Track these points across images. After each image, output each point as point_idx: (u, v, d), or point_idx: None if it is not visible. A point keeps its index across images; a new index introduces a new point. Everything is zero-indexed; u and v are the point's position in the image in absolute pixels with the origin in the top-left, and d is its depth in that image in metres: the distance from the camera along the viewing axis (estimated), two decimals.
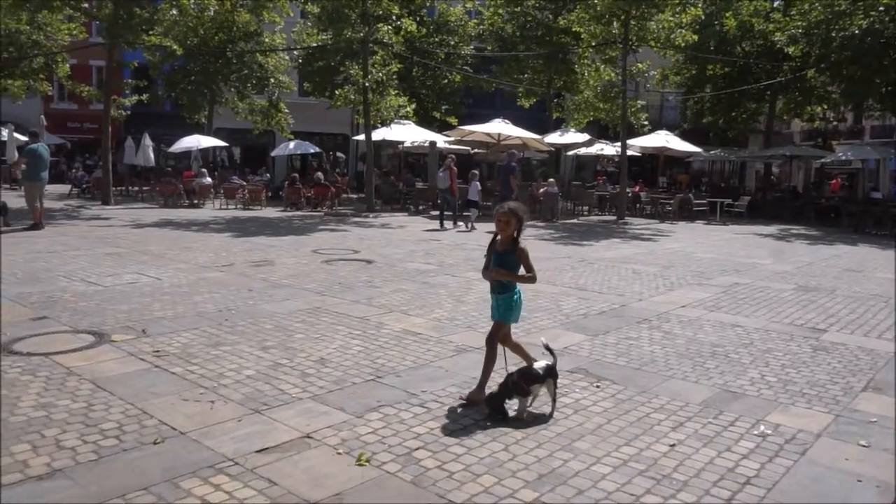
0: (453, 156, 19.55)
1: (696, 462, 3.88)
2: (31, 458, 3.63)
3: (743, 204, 25.39)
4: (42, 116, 24.05)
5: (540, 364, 4.53)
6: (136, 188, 25.57)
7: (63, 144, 34.38)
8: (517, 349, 4.95)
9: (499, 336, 4.72)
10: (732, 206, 24.99)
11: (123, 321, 6.59)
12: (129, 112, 25.09)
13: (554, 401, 4.57)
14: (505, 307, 4.68)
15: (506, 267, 4.65)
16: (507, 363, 4.75)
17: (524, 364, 4.76)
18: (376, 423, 4.27)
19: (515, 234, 4.63)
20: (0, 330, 6.02)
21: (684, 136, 28.34)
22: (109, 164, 21.73)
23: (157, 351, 5.63)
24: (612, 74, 23.15)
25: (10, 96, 23.72)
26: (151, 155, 25.89)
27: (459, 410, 4.52)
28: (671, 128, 29.34)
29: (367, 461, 3.73)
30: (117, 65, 22.48)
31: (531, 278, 4.70)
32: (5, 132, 27.32)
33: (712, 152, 32.15)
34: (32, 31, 22.14)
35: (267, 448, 3.86)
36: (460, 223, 17.82)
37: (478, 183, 18.38)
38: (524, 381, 4.41)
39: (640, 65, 23.38)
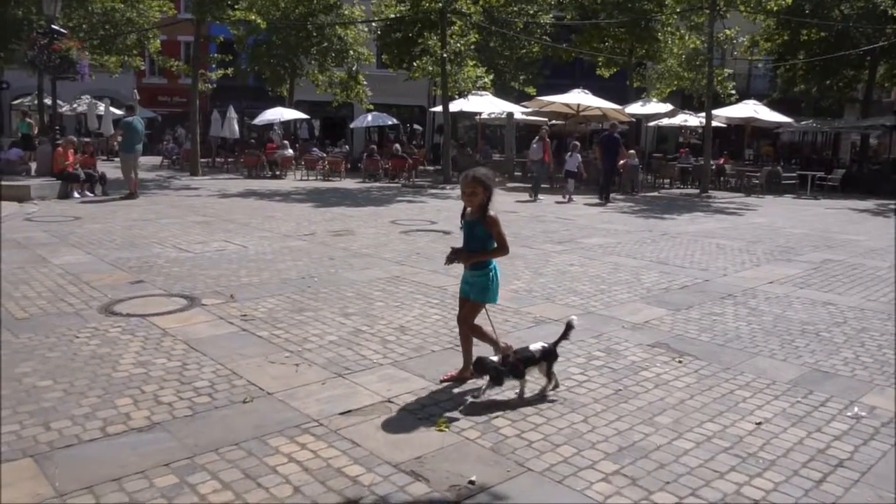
0: (547, 126, 19.42)
1: (784, 441, 3.76)
2: (132, 412, 3.86)
3: (836, 177, 24.14)
4: (135, 91, 25.13)
5: (536, 346, 4.25)
6: (222, 159, 26.45)
7: (154, 118, 35.84)
8: (466, 338, 4.47)
9: (475, 317, 4.36)
10: (825, 179, 23.80)
11: (213, 286, 6.88)
12: (215, 86, 25.87)
13: (549, 381, 4.28)
14: (480, 286, 4.29)
15: (474, 238, 4.27)
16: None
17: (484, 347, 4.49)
18: (455, 390, 4.33)
19: (486, 202, 4.20)
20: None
21: (773, 105, 27.01)
22: (197, 136, 22.51)
23: (245, 315, 5.85)
24: (698, 42, 22.27)
25: (106, 71, 24.83)
26: (236, 127, 26.69)
27: (528, 378, 4.51)
28: (760, 97, 28.00)
29: (447, 427, 3.79)
30: (204, 39, 23.16)
31: (501, 251, 4.25)
32: (102, 106, 28.82)
33: (803, 123, 30.56)
34: (126, 8, 23.02)
35: (350, 411, 3.97)
36: (541, 196, 17.70)
37: (578, 155, 18.20)
38: (521, 364, 4.14)
39: (727, 31, 22.36)
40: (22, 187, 13.77)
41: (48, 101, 19.72)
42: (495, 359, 4.14)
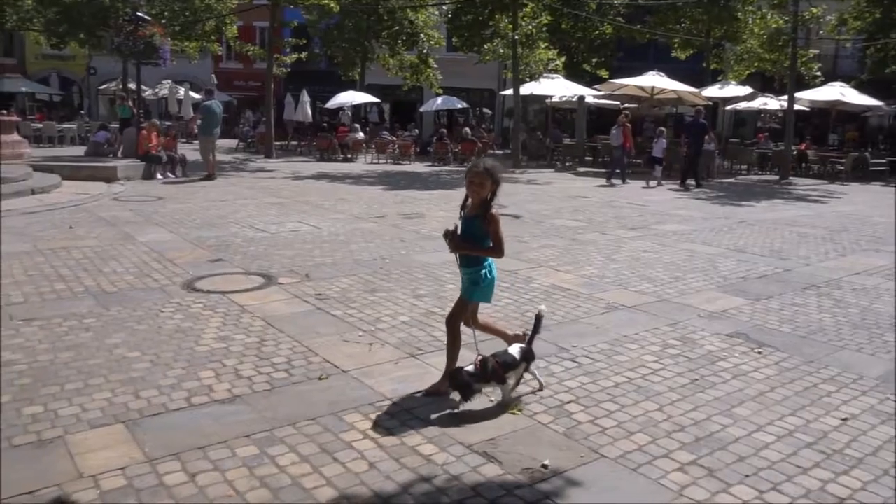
0: (627, 112, 19.16)
1: (873, 439, 3.59)
2: (214, 384, 4.01)
3: None
4: (213, 75, 25.87)
5: (514, 349, 3.95)
6: (295, 142, 27.01)
7: (230, 102, 36.81)
8: (486, 329, 4.28)
9: (461, 317, 4.03)
10: None
11: (288, 265, 7.05)
12: (289, 70, 26.37)
13: (517, 383, 3.96)
14: (470, 282, 3.98)
15: (470, 234, 3.91)
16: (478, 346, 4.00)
17: (498, 342, 4.26)
18: (527, 374, 4.30)
19: (489, 198, 3.86)
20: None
21: (862, 88, 25.62)
22: (272, 120, 23.03)
23: (319, 294, 5.98)
24: (781, 21, 21.31)
25: (186, 57, 25.67)
26: (309, 111, 27.16)
27: (599, 364, 4.46)
28: (847, 79, 26.57)
29: (520, 411, 3.79)
30: (279, 24, 23.66)
31: (495, 252, 3.90)
32: (182, 91, 29.80)
33: (894, 106, 28.86)
34: None
35: (423, 390, 4.01)
36: (616, 180, 17.44)
37: (664, 140, 17.91)
38: (502, 369, 3.82)
39: (813, 9, 21.31)
40: (109, 168, 14.43)
41: (132, 85, 20.50)
42: (470, 368, 3.79)
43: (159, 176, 15.06)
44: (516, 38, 20.82)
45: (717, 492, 3.04)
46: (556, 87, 24.03)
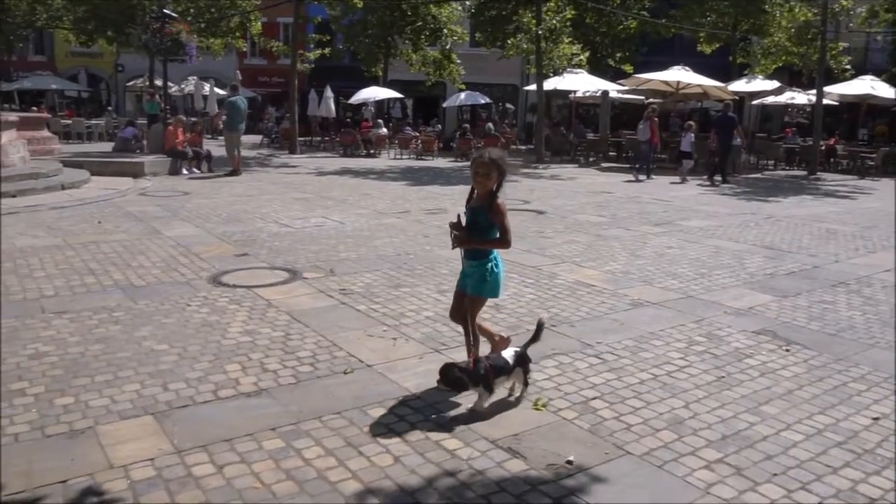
0: (655, 106, 19.01)
1: None
2: (241, 377, 4.05)
3: None
4: (237, 72, 26.07)
5: (509, 353, 3.82)
6: (319, 138, 27.14)
7: (255, 98, 37.07)
8: (469, 326, 4.07)
9: (477, 313, 4.00)
10: None
11: (313, 260, 7.10)
12: (312, 66, 26.51)
13: (525, 385, 3.87)
14: (477, 278, 3.88)
15: (476, 226, 3.86)
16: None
17: (486, 341, 4.21)
18: (552, 370, 4.30)
19: (494, 189, 3.83)
20: None
21: (893, 81, 25.10)
22: (296, 116, 23.16)
23: (344, 289, 6.02)
24: (809, 14, 20.94)
25: (211, 54, 25.90)
26: (332, 106, 27.28)
27: (624, 360, 4.43)
28: (878, 72, 26.07)
29: (544, 406, 3.78)
30: (303, 20, 23.74)
31: (501, 243, 3.85)
32: (207, 87, 30.06)
33: None
34: None
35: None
36: (641, 176, 17.31)
37: (692, 134, 17.76)
38: (493, 373, 3.68)
39: (843, 2, 20.92)
40: (137, 164, 14.61)
41: (158, 82, 20.74)
42: (464, 365, 3.72)
43: (185, 171, 15.22)
44: (540, 32, 20.71)
45: (744, 490, 3.01)
46: (580, 82, 23.86)
